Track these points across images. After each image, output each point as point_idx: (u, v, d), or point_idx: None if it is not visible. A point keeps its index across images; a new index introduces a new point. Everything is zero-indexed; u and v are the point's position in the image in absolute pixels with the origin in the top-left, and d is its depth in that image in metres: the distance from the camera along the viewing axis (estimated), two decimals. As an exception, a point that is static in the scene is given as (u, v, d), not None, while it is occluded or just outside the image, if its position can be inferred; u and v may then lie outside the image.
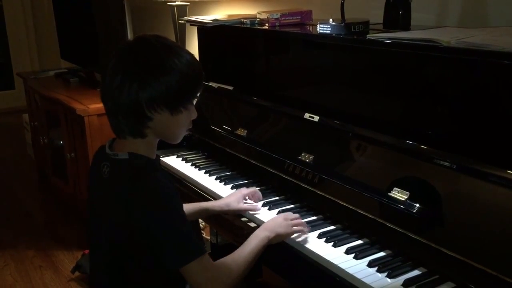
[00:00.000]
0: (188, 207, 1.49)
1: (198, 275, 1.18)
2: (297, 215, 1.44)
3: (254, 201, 1.59)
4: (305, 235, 1.38)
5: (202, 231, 2.57)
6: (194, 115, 1.26)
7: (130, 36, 2.97)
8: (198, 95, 1.25)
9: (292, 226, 1.37)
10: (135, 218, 1.15)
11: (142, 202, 1.15)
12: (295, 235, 1.37)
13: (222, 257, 1.25)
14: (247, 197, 1.58)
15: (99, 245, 1.28)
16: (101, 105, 1.24)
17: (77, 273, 2.64)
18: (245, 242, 1.33)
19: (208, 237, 2.48)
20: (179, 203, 1.21)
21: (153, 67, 1.17)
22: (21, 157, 4.50)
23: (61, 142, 3.27)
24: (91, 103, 2.88)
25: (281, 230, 1.35)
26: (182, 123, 1.24)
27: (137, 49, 1.21)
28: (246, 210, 1.55)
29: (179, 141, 1.29)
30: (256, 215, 1.53)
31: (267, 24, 1.91)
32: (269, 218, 1.50)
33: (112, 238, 1.22)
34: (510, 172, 1.11)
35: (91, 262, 1.36)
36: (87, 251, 2.67)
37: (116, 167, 1.23)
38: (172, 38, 2.78)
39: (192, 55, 1.23)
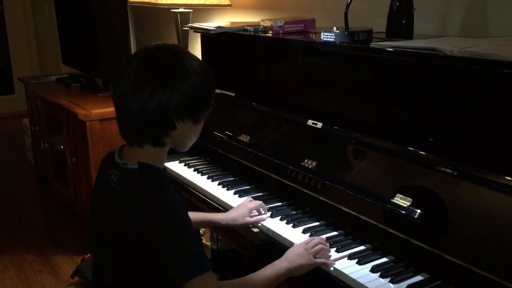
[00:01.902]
0: (193, 215, 1.46)
1: None
2: (318, 239, 1.37)
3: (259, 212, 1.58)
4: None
5: (202, 237, 2.57)
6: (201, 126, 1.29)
7: (132, 42, 2.98)
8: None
9: (314, 255, 1.31)
10: (143, 229, 1.14)
11: (150, 215, 1.14)
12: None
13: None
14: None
15: (103, 252, 1.28)
16: (103, 110, 1.24)
17: (76, 278, 2.64)
18: (261, 269, 1.28)
19: (208, 243, 2.48)
20: (187, 218, 1.20)
21: (178, 72, 1.17)
22: (20, 162, 4.50)
23: (62, 147, 3.27)
24: (93, 108, 2.88)
25: (303, 261, 1.29)
26: (197, 133, 1.27)
27: (161, 57, 1.19)
28: (253, 223, 1.55)
29: (187, 149, 1.29)
30: (260, 221, 1.54)
31: (270, 32, 1.93)
32: (272, 223, 1.52)
33: (117, 245, 1.21)
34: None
35: (94, 268, 1.35)
36: (86, 256, 2.67)
37: (125, 177, 1.22)
38: (175, 44, 2.79)
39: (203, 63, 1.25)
